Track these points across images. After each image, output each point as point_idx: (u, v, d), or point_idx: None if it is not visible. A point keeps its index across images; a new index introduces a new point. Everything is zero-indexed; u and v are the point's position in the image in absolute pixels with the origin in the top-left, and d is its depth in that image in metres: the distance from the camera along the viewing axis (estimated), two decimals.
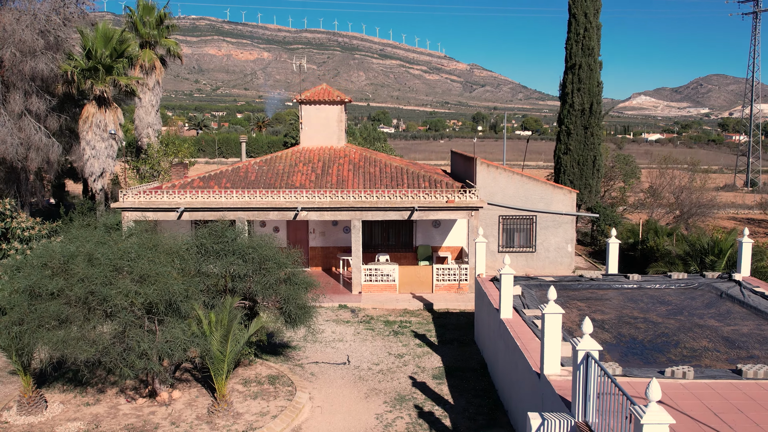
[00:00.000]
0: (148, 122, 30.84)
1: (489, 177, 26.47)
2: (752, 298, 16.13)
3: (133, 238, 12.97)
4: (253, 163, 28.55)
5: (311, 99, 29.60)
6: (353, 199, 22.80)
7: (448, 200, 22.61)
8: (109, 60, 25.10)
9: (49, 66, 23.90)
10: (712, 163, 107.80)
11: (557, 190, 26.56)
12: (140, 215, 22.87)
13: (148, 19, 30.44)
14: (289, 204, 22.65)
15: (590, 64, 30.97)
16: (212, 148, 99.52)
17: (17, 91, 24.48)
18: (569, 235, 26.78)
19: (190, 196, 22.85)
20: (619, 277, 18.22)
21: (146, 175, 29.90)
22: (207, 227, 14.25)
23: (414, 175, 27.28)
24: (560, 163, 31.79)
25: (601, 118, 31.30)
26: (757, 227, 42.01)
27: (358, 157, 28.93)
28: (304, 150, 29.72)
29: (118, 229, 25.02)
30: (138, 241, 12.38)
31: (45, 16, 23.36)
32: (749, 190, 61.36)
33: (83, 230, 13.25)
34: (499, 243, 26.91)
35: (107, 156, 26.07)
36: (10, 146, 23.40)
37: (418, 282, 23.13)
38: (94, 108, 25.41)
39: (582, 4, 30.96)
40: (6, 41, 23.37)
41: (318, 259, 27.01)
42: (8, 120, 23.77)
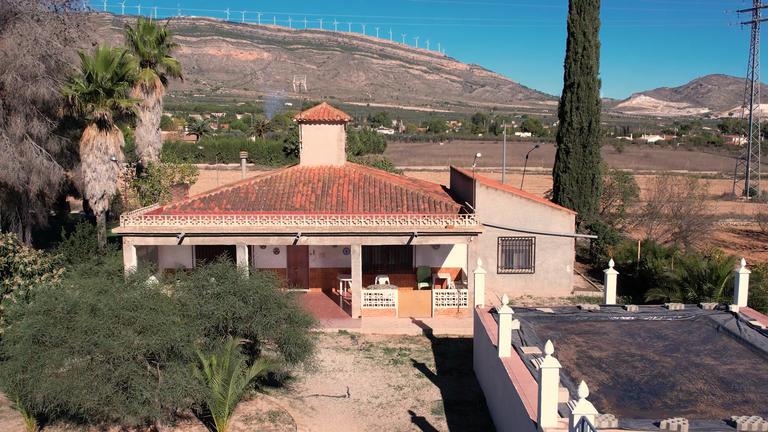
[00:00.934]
0: (148, 141, 30.97)
1: (488, 199, 26.60)
2: (748, 332, 16.27)
3: (135, 284, 13.08)
4: (253, 183, 28.68)
5: (311, 119, 29.73)
6: (353, 224, 22.92)
7: (448, 225, 22.74)
8: (110, 83, 25.23)
9: (50, 90, 24.03)
10: (712, 168, 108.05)
11: (556, 211, 26.69)
12: (141, 240, 23.03)
13: (148, 38, 30.55)
14: (289, 229, 22.77)
15: (589, 82, 31.10)
16: (212, 154, 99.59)
17: (18, 115, 24.60)
18: (568, 256, 26.92)
19: (190, 221, 22.97)
20: (617, 308, 18.36)
21: (147, 194, 30.02)
22: (208, 269, 14.37)
23: (413, 196, 27.42)
24: (559, 182, 31.92)
25: (600, 137, 31.42)
26: (755, 240, 42.16)
27: (357, 177, 29.06)
28: (304, 169, 29.85)
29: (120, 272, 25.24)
30: (140, 291, 12.50)
31: (46, 41, 23.46)
32: (748, 199, 61.46)
33: (86, 278, 13.34)
34: (498, 264, 27.05)
35: (108, 178, 26.21)
36: (11, 171, 23.54)
37: (418, 306, 23.27)
38: (94, 131, 25.54)
39: (581, 24, 31.08)
40: (7, 66, 23.50)
41: (318, 280, 27.14)
42: (9, 144, 23.89)
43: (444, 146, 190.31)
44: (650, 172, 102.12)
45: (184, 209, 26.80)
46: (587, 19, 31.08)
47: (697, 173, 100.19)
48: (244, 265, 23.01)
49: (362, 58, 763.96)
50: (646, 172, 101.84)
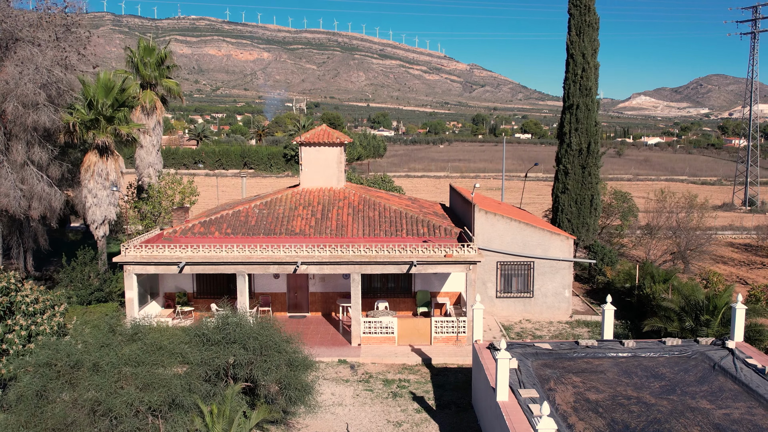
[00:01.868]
0: (149, 162, 31.11)
1: (487, 223, 26.74)
2: (744, 372, 16.41)
3: (137, 337, 13.22)
4: (253, 206, 28.81)
5: (311, 141, 29.85)
6: (352, 252, 23.05)
7: (447, 254, 22.88)
8: (111, 110, 25.37)
9: (51, 118, 24.16)
10: (711, 173, 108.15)
11: (554, 236, 26.83)
12: (142, 268, 23.17)
13: (148, 60, 30.68)
14: (289, 258, 22.90)
15: (588, 104, 31.23)
16: (212, 160, 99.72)
17: (20, 142, 24.74)
18: (567, 280, 27.06)
19: (191, 249, 23.10)
20: (614, 343, 18.49)
21: (147, 216, 30.17)
22: (209, 319, 14.49)
23: (413, 220, 27.55)
24: (558, 202, 32.05)
25: (599, 158, 31.57)
26: (753, 255, 42.28)
27: (357, 200, 29.19)
28: (303, 191, 29.99)
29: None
30: (141, 345, 12.63)
31: (47, 70, 23.59)
32: (747, 209, 61.58)
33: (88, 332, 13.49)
34: (497, 288, 27.19)
35: (109, 203, 26.35)
36: (13, 200, 23.68)
37: (417, 334, 23.41)
38: (95, 157, 25.68)
39: (580, 45, 31.20)
40: (9, 94, 23.64)
41: (318, 304, 27.28)
42: (11, 172, 24.03)
43: (444, 149, 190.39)
44: (649, 178, 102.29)
45: (184, 234, 26.95)
46: (586, 41, 31.20)
47: (697, 179, 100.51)
48: (243, 307, 23.23)
49: (362, 58, 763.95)
50: (645, 177, 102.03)
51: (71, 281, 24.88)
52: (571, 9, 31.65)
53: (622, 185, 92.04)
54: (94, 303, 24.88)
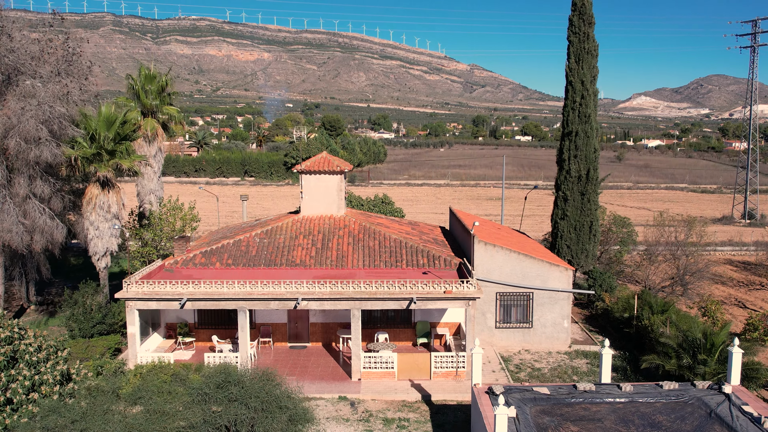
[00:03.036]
0: (150, 189, 31.29)
1: (486, 255, 26.90)
2: (740, 420, 16.57)
3: (140, 402, 13.38)
4: (254, 235, 28.98)
5: (311, 169, 30.02)
6: (352, 288, 23.23)
7: (446, 291, 23.04)
8: (112, 144, 25.54)
9: (52, 152, 24.33)
10: (711, 181, 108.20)
11: (553, 267, 26.99)
12: (144, 304, 23.34)
13: (149, 88, 30.85)
14: (289, 294, 23.08)
15: (587, 131, 31.38)
16: (213, 168, 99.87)
17: (22, 176, 24.91)
18: (565, 311, 27.22)
19: (192, 286, 23.27)
20: (612, 387, 18.64)
21: (149, 243, 30.34)
22: (210, 379, 14.65)
23: (413, 250, 27.73)
24: (557, 228, 32.21)
25: (598, 185, 31.72)
26: (752, 275, 42.38)
27: (357, 229, 29.35)
28: (304, 219, 30.16)
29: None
30: (145, 413, 12.79)
31: (49, 106, 23.75)
32: (747, 223, 61.70)
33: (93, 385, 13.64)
34: (496, 319, 27.36)
35: (111, 235, 26.53)
36: (15, 235, 23.86)
37: (417, 369, 23.57)
38: (97, 189, 25.86)
39: (579, 73, 31.35)
40: (11, 130, 23.81)
41: (318, 335, 27.44)
42: (13, 207, 24.21)
43: (444, 153, 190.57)
44: (649, 186, 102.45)
45: (185, 264, 27.13)
46: (585, 68, 31.34)
47: (697, 187, 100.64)
48: (245, 343, 23.39)
49: (362, 59, 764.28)
50: (645, 185, 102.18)
51: (73, 314, 25.05)
52: (570, 36, 31.80)
53: (622, 194, 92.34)
54: (96, 336, 25.06)
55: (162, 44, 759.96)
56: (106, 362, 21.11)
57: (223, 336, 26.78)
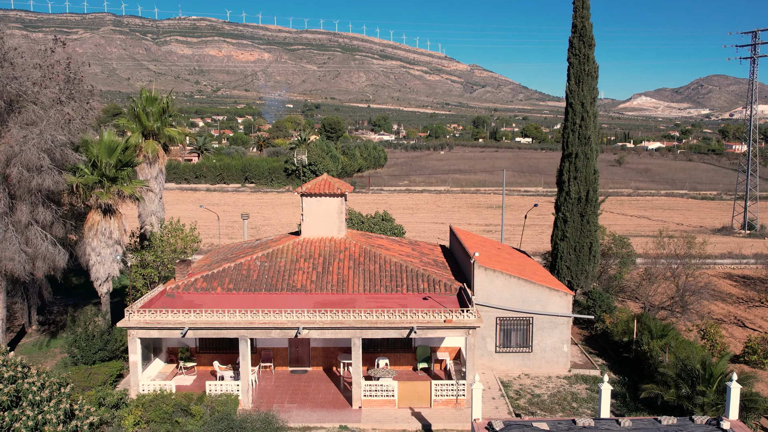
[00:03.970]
0: (151, 210, 31.40)
1: (486, 280, 27.01)
2: None
3: None
4: (254, 258, 29.08)
5: (312, 192, 30.12)
6: (353, 318, 23.33)
7: (446, 320, 23.15)
8: (114, 170, 25.65)
9: (54, 180, 24.43)
10: (712, 186, 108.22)
11: (553, 292, 27.09)
12: (146, 333, 23.45)
13: (150, 110, 30.94)
14: (290, 324, 23.18)
15: (587, 152, 31.47)
16: (213, 174, 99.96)
17: (24, 203, 25.01)
18: (565, 335, 27.33)
19: (194, 314, 23.37)
20: (611, 422, 18.73)
21: (150, 264, 30.45)
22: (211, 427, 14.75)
23: (413, 274, 27.84)
24: (557, 249, 32.31)
25: (597, 206, 31.80)
26: (751, 290, 42.45)
27: (358, 252, 29.45)
28: (304, 241, 30.26)
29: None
30: None
31: (51, 135, 23.85)
32: (746, 234, 61.77)
33: None
34: (496, 343, 27.46)
35: (112, 261, 26.64)
36: (18, 263, 23.97)
37: (417, 397, 23.67)
38: (98, 216, 25.97)
39: (579, 94, 31.44)
40: (13, 159, 23.91)
41: (319, 359, 27.54)
42: (15, 235, 24.32)
43: (444, 155, 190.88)
44: (649, 192, 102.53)
45: (187, 289, 27.25)
46: (585, 90, 31.44)
47: (697, 194, 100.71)
48: (246, 371, 23.48)
49: (363, 59, 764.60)
50: (645, 192, 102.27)
51: (75, 340, 25.17)
52: (570, 58, 31.90)
53: (622, 201, 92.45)
54: (98, 363, 25.18)
55: (162, 44, 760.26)
56: (108, 394, 21.22)
57: (224, 361, 26.89)
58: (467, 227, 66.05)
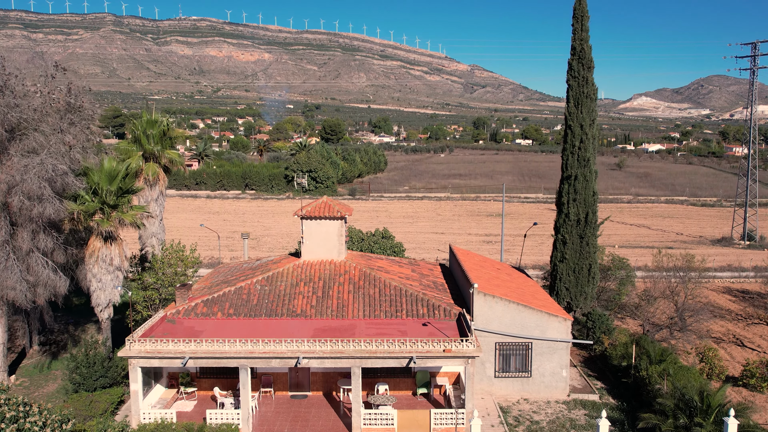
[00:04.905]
0: (152, 232, 31.54)
1: (486, 306, 27.12)
2: None
3: None
4: (255, 282, 29.18)
5: (312, 214, 30.24)
6: (353, 347, 23.43)
7: (446, 350, 23.26)
8: (114, 198, 25.77)
9: (56, 208, 24.54)
10: (711, 192, 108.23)
11: (552, 318, 27.20)
12: (146, 362, 23.57)
13: (151, 132, 31.08)
14: (290, 353, 23.29)
15: (586, 175, 31.56)
16: (214, 181, 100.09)
17: (25, 230, 25.13)
18: (564, 360, 27.44)
19: (194, 344, 23.47)
20: None
21: (150, 287, 30.58)
22: None
23: (413, 299, 27.95)
24: (556, 270, 32.43)
25: (596, 228, 31.90)
26: (750, 306, 42.51)
27: (358, 275, 29.56)
28: (304, 264, 30.37)
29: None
30: None
31: (52, 164, 23.97)
32: (746, 245, 61.86)
33: None
34: (495, 368, 27.57)
35: (113, 287, 26.76)
36: (19, 292, 24.09)
37: (417, 426, 23.79)
38: (99, 242, 26.09)
39: (578, 116, 31.54)
40: (14, 187, 24.02)
41: (319, 384, 27.64)
42: (17, 264, 24.43)
43: (445, 158, 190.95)
44: (649, 198, 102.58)
45: (187, 315, 27.37)
46: (584, 112, 31.53)
47: (697, 200, 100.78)
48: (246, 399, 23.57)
49: (363, 59, 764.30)
50: (645, 198, 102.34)
51: (77, 367, 25.29)
52: (569, 80, 32.00)
53: (622, 208, 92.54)
54: (99, 390, 25.30)
55: (163, 45, 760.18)
56: (109, 425, 21.34)
57: (225, 386, 27.00)
58: (467, 237, 66.19)
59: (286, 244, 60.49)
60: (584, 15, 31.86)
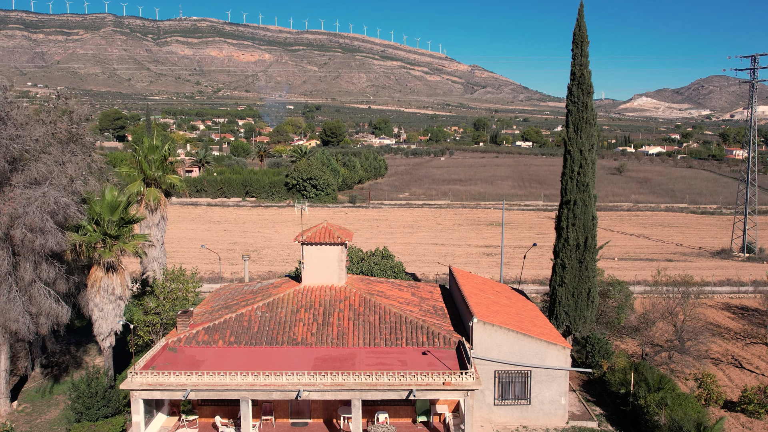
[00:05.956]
0: (153, 256, 31.71)
1: (485, 334, 27.28)
2: None
3: None
4: (255, 309, 29.36)
5: (312, 240, 30.41)
6: (353, 380, 23.60)
7: (445, 382, 23.43)
8: (116, 228, 25.94)
9: (57, 240, 24.71)
10: (712, 198, 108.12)
11: (551, 346, 27.36)
12: (148, 394, 23.75)
13: (152, 158, 31.24)
14: (291, 386, 23.46)
15: (585, 199, 31.70)
16: (214, 188, 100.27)
17: (27, 261, 25.32)
18: (563, 388, 27.60)
19: (196, 376, 23.65)
20: None
21: (151, 311, 30.75)
22: None
23: (412, 326, 28.12)
24: (555, 294, 32.58)
25: (596, 252, 32.03)
26: (749, 324, 42.60)
27: (358, 302, 29.72)
28: (305, 290, 30.53)
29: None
30: None
31: (54, 198, 24.14)
32: (745, 257, 61.98)
33: None
34: (495, 396, 27.73)
35: (115, 315, 26.95)
36: (22, 325, 24.28)
37: None
38: (101, 272, 26.26)
39: (577, 142, 31.68)
40: (16, 220, 24.19)
41: (319, 411, 27.79)
42: (20, 296, 24.61)
43: (445, 161, 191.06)
44: (649, 206, 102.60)
45: (188, 343, 27.54)
46: (584, 137, 31.67)
47: (697, 208, 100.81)
48: None
49: (363, 60, 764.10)
50: (645, 206, 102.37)
51: (79, 396, 25.47)
52: (569, 105, 32.15)
53: (621, 216, 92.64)
54: (101, 419, 25.48)
55: (163, 45, 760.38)
56: None
57: (226, 414, 27.16)
58: (467, 249, 66.33)
59: (286, 256, 60.63)
60: (584, 41, 32.00)
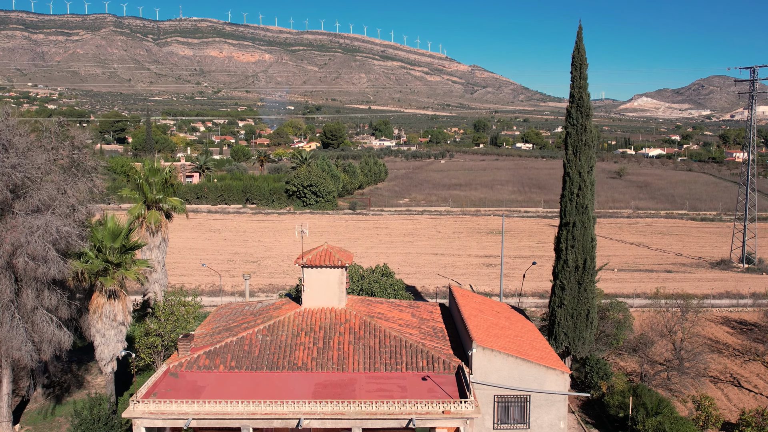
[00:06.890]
0: (155, 278, 31.89)
1: (485, 359, 27.43)
2: None
3: None
4: (256, 332, 29.51)
5: (313, 263, 30.56)
6: (353, 409, 23.78)
7: (445, 411, 23.60)
8: (118, 256, 26.13)
9: (60, 269, 24.88)
10: (711, 203, 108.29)
11: (550, 371, 27.51)
12: (150, 422, 23.93)
13: (153, 180, 31.42)
14: (292, 414, 23.64)
15: (584, 221, 31.86)
16: (215, 195, 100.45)
17: (29, 288, 25.49)
18: (562, 412, 27.76)
19: (197, 405, 23.82)
20: None
21: (152, 333, 30.93)
22: None
23: (412, 350, 28.28)
24: (555, 315, 32.75)
25: (594, 274, 32.19)
26: (748, 339, 42.78)
27: (358, 324, 29.88)
28: (305, 312, 30.69)
29: None
30: None
31: (56, 227, 24.30)
32: (745, 268, 62.14)
33: None
34: (494, 420, 27.89)
35: (117, 341, 27.14)
36: (25, 353, 24.45)
37: None
38: (103, 299, 26.45)
39: (576, 164, 31.84)
40: (19, 248, 24.35)
41: None
42: (22, 324, 24.78)
43: (445, 164, 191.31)
44: (649, 213, 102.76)
45: (189, 367, 27.69)
46: (583, 159, 31.83)
47: (696, 214, 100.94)
48: None
49: (364, 60, 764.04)
50: (645, 213, 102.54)
51: (81, 423, 25.65)
52: (568, 127, 32.31)
53: (621, 223, 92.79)
54: None
55: (163, 45, 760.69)
56: None
57: None
58: (467, 259, 66.49)
59: (287, 267, 60.81)
60: (583, 63, 32.16)
